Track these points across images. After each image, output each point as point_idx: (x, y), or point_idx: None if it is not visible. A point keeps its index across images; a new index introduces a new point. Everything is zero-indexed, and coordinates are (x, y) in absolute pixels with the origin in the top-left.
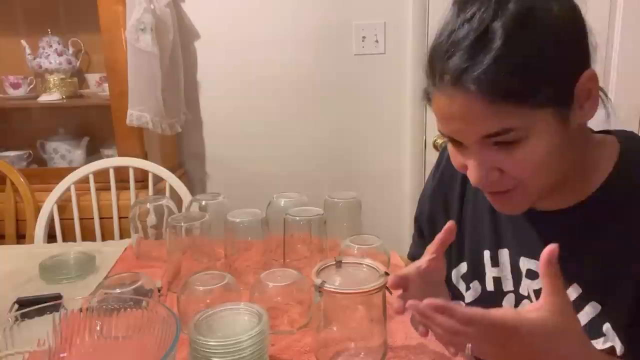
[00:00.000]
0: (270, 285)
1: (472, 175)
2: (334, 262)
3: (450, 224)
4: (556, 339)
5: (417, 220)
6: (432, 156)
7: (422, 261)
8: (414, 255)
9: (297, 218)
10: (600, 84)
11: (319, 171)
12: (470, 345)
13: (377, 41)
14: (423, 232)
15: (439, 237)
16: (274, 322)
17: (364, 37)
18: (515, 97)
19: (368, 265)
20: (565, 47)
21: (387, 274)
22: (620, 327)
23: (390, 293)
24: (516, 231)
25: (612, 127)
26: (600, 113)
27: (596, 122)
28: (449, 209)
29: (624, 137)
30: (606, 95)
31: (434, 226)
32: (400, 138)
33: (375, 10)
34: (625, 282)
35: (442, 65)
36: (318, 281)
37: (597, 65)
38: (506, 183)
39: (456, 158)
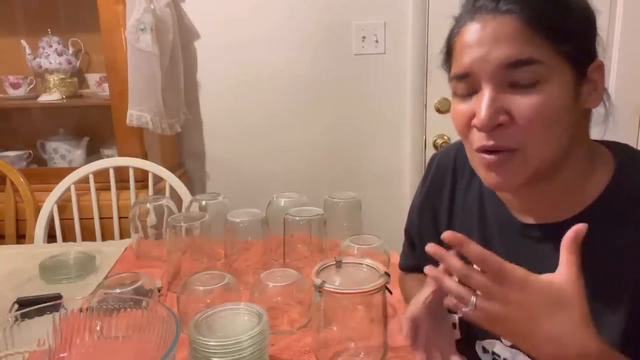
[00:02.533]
0: (270, 285)
1: (482, 113)
2: (334, 262)
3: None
4: (556, 308)
5: (408, 231)
6: None
7: (425, 294)
8: (405, 266)
9: (297, 218)
10: None
11: (319, 171)
12: (474, 299)
13: (377, 41)
14: (414, 244)
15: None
16: (274, 322)
17: (364, 37)
18: (547, 31)
19: (368, 265)
20: (591, 18)
21: (387, 274)
22: (615, 347)
23: (391, 293)
24: (507, 245)
25: (609, 130)
26: (600, 113)
27: (595, 121)
28: (438, 223)
29: (619, 150)
30: (609, 98)
31: (423, 240)
32: (400, 138)
33: (375, 10)
34: (616, 300)
35: None
36: (318, 281)
37: None
38: (511, 135)
39: (461, 111)
